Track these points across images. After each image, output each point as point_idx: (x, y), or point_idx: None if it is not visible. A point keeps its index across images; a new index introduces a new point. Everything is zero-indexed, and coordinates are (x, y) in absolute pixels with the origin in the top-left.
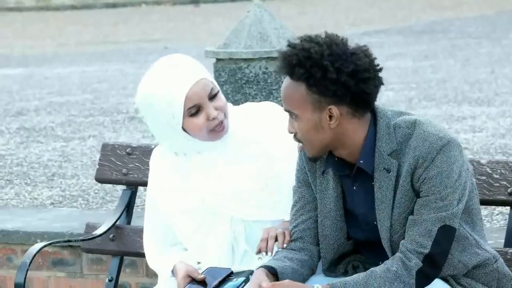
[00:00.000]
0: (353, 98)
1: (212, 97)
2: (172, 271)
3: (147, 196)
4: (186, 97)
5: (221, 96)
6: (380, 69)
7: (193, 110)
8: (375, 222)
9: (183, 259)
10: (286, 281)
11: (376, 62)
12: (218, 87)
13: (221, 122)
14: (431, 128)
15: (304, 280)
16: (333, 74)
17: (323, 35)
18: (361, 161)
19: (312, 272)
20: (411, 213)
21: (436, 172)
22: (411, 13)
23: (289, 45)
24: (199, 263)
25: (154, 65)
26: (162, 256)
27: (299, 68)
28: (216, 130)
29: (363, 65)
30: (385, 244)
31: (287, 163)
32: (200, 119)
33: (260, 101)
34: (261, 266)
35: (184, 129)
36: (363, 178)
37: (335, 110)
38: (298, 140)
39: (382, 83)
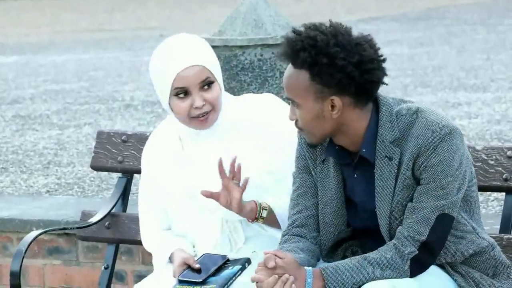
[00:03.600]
0: (357, 89)
1: (205, 86)
2: (170, 258)
3: (141, 182)
4: (177, 77)
5: (215, 88)
6: (384, 60)
7: (180, 92)
8: (374, 210)
9: (180, 246)
10: (289, 255)
11: (380, 52)
12: (216, 79)
13: (205, 114)
14: (434, 117)
15: None
16: (341, 61)
17: (327, 24)
18: (364, 150)
19: (318, 261)
20: (411, 200)
21: (437, 161)
22: (407, 0)
23: (294, 32)
24: (194, 246)
25: (166, 39)
26: (159, 240)
27: (304, 53)
28: (198, 119)
29: (368, 55)
30: (384, 231)
31: (283, 159)
32: (185, 103)
33: (255, 88)
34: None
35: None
36: (364, 166)
37: (337, 100)
38: (299, 128)
39: (385, 74)
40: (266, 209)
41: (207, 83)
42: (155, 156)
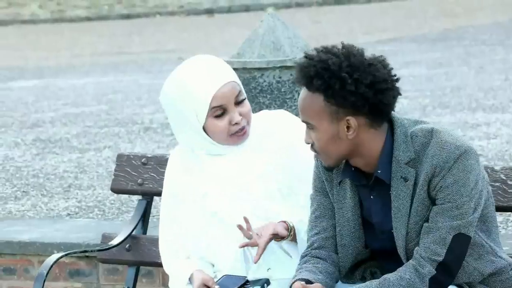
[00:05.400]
0: (371, 109)
1: (239, 102)
2: (190, 278)
3: (162, 203)
4: (214, 96)
5: (246, 102)
6: (397, 79)
7: (218, 111)
8: (391, 231)
9: (200, 267)
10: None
11: (393, 72)
12: (244, 93)
13: (243, 128)
14: (448, 137)
15: None
16: (351, 86)
17: (339, 46)
18: (379, 171)
19: (336, 282)
20: (427, 221)
21: (452, 181)
22: (425, 21)
23: (306, 57)
24: (213, 265)
25: (186, 61)
26: (179, 261)
27: (317, 80)
28: (237, 135)
29: (381, 76)
30: (401, 252)
31: (303, 171)
32: (223, 122)
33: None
34: (298, 279)
35: (204, 130)
36: (380, 187)
37: (353, 121)
38: (315, 151)
39: (399, 93)
40: (292, 230)
41: (240, 98)
42: (175, 176)
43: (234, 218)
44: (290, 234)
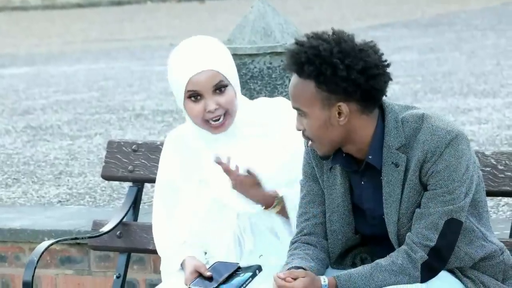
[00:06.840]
0: (363, 95)
1: (218, 90)
2: (181, 264)
3: (156, 188)
4: (190, 80)
5: (229, 92)
6: (388, 65)
7: (193, 95)
8: (383, 216)
9: (192, 254)
10: (303, 274)
11: (384, 57)
12: (230, 82)
13: (219, 118)
14: (439, 122)
15: None
16: (343, 72)
17: (330, 32)
18: (370, 157)
19: (326, 268)
20: (418, 206)
21: (444, 166)
22: (417, 6)
23: (296, 43)
24: (206, 253)
25: (184, 40)
26: (171, 247)
27: (309, 66)
28: (212, 124)
29: (372, 61)
30: (392, 238)
31: (298, 159)
32: (198, 106)
33: (264, 96)
34: (292, 267)
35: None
36: (371, 173)
37: (344, 107)
38: (307, 137)
39: (391, 79)
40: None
41: (220, 87)
42: (170, 162)
43: (229, 206)
44: (275, 205)
